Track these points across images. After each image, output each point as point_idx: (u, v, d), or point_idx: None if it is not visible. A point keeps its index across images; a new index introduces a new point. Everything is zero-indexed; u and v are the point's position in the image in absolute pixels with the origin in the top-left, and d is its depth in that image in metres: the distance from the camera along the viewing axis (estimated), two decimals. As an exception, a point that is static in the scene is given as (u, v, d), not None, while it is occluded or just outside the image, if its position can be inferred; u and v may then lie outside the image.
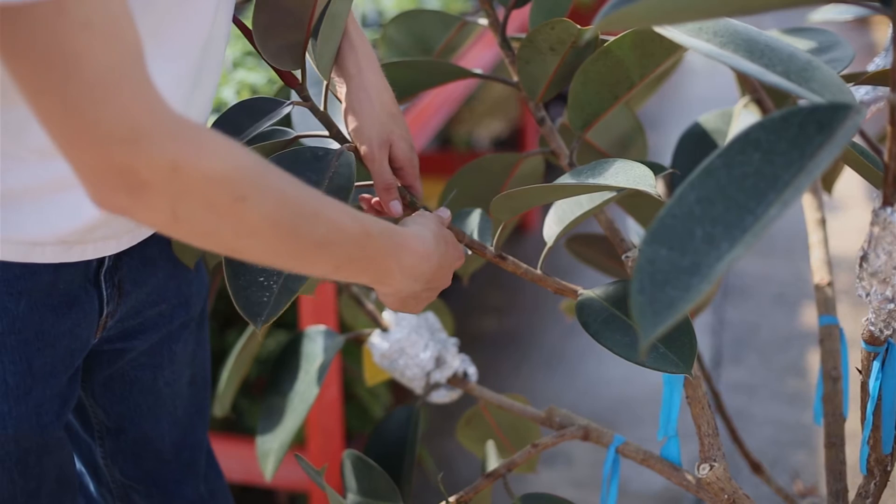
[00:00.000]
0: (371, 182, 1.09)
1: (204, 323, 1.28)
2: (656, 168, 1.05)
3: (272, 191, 0.80)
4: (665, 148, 1.67)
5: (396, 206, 1.07)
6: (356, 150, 1.06)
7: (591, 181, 0.97)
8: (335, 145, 1.07)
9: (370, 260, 0.91)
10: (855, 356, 1.15)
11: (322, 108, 1.07)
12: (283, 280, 0.97)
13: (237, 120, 1.02)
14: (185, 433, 1.28)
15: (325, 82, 1.06)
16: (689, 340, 1.00)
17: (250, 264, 0.96)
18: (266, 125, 1.02)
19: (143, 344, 1.19)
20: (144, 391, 1.22)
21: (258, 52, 1.02)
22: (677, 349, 1.00)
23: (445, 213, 1.08)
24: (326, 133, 1.08)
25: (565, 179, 1.01)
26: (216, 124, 1.02)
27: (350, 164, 1.02)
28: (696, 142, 1.34)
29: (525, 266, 1.11)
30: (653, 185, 0.93)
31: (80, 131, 0.73)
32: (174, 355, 1.23)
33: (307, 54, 1.05)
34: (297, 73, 1.07)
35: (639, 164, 0.95)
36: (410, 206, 1.09)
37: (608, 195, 1.01)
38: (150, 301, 1.17)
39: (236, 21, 1.02)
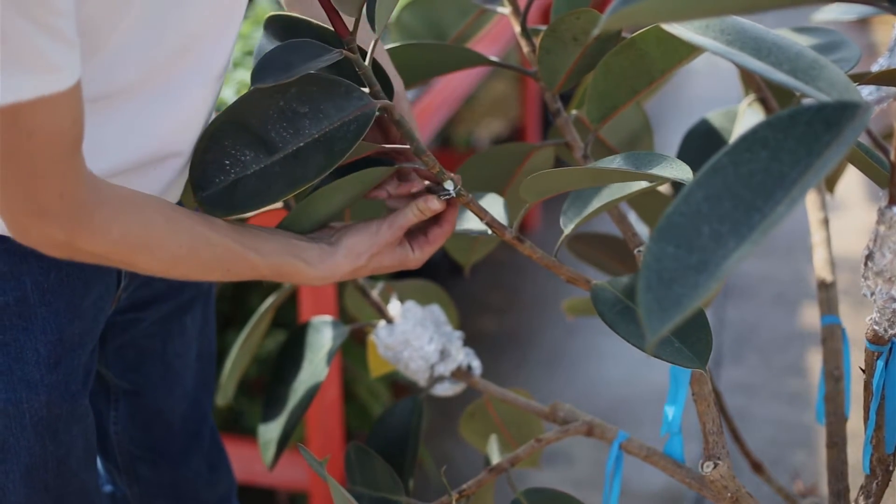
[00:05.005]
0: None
1: (211, 299, 1.33)
2: None
3: (160, 245, 0.94)
4: (665, 147, 1.67)
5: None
6: (390, 112, 1.03)
7: (632, 168, 0.96)
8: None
9: (263, 273, 1.02)
10: (856, 356, 1.15)
11: (367, 63, 1.04)
12: (242, 177, 0.99)
13: (288, 58, 0.99)
14: (193, 405, 1.33)
15: (376, 35, 1.02)
16: (704, 336, 0.99)
17: (227, 145, 1.00)
18: (317, 66, 0.99)
19: (155, 314, 1.24)
20: (155, 360, 1.27)
21: None
22: (692, 344, 0.99)
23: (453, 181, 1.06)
24: (366, 90, 1.04)
25: (606, 164, 0.99)
26: (263, 60, 1.00)
27: (368, 123, 0.99)
28: (701, 140, 1.34)
29: (541, 251, 1.10)
30: (691, 179, 0.92)
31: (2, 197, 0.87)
32: (184, 327, 1.28)
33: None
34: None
35: (677, 161, 0.95)
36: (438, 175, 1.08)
37: (633, 187, 1.00)
38: None
39: None
